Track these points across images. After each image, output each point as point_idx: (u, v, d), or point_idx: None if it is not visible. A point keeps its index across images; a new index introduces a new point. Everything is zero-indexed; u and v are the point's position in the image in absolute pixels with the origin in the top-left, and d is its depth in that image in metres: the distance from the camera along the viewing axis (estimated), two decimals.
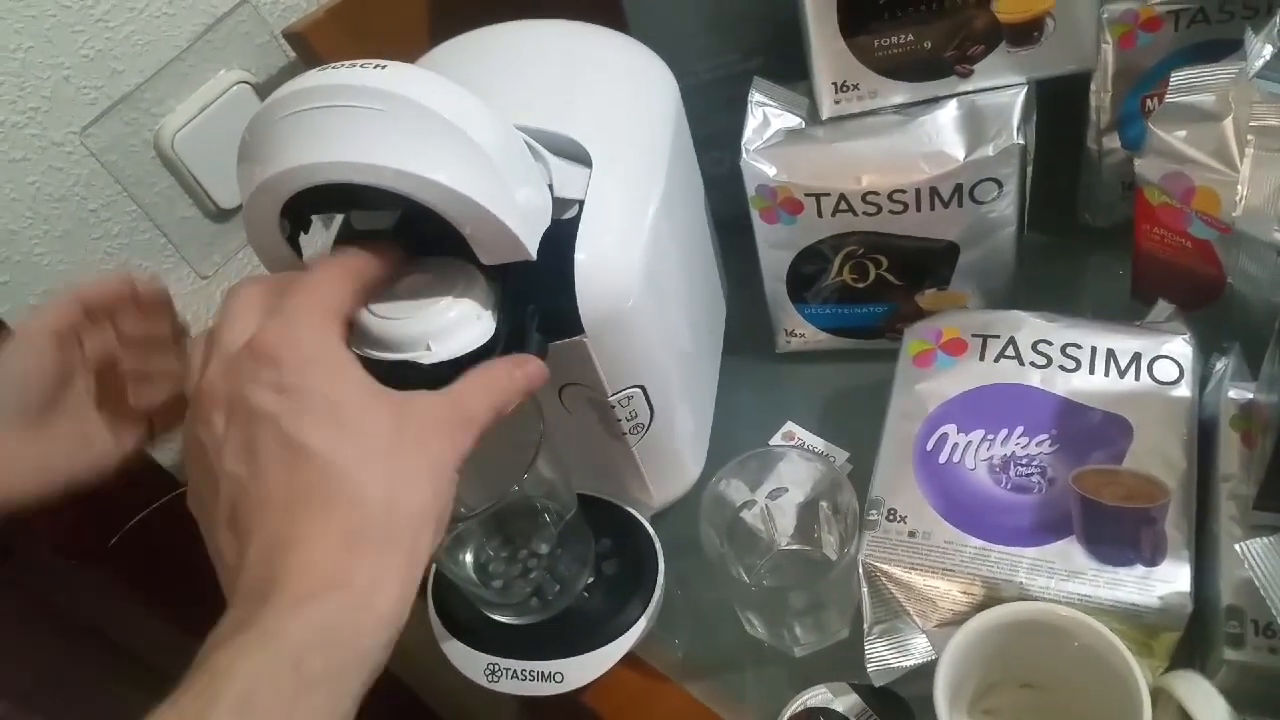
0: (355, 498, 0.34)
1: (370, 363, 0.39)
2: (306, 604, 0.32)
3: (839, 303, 0.67)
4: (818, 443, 0.66)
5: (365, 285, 0.41)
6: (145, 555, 0.76)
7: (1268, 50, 0.50)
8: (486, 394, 0.40)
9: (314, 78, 0.39)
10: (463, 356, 0.42)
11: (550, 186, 0.47)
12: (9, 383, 0.49)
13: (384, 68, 0.39)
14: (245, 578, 0.33)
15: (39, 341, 0.49)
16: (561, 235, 0.47)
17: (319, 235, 0.49)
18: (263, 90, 0.70)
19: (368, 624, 0.33)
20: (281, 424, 0.34)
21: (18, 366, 0.48)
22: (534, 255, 0.43)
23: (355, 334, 0.41)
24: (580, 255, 0.48)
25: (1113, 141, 0.65)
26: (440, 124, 0.39)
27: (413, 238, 0.45)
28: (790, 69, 0.62)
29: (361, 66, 0.39)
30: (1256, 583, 0.42)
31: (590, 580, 0.59)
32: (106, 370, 0.52)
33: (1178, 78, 0.54)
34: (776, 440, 0.67)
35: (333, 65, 0.39)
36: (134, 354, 0.51)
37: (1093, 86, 0.62)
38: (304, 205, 0.41)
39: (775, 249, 0.65)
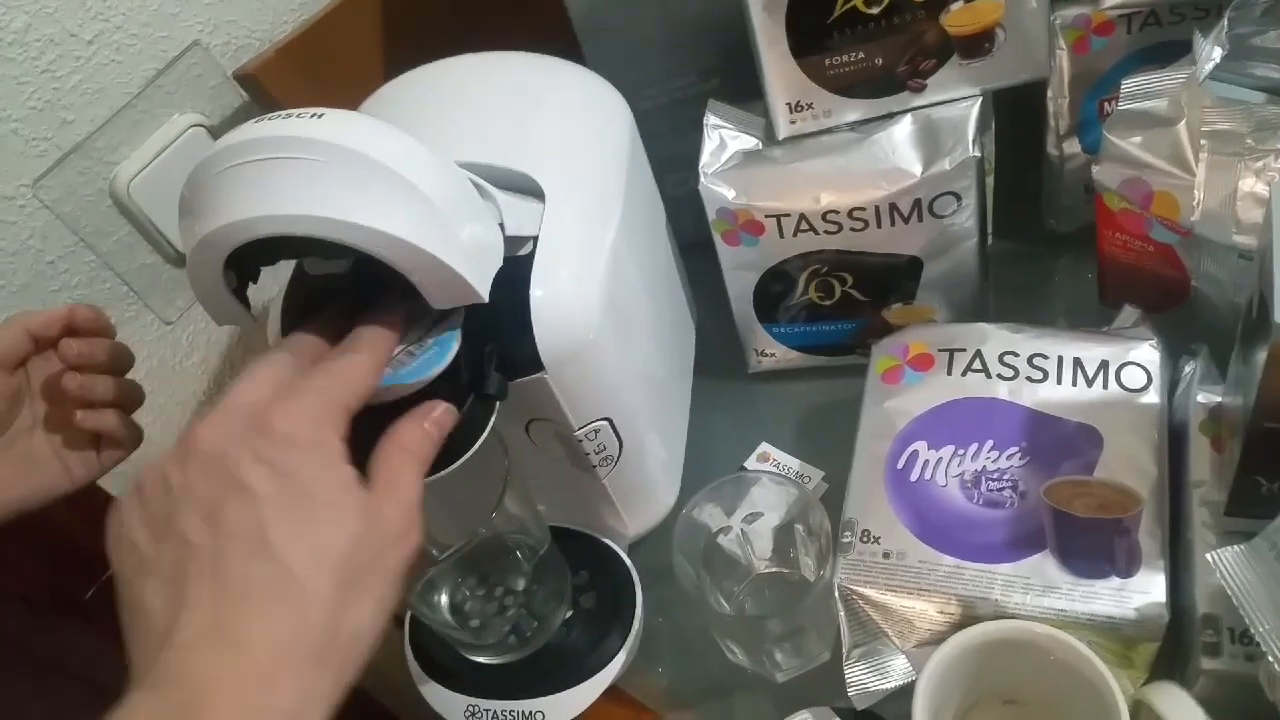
0: (302, 611, 0.33)
1: None
2: None
3: (807, 321, 0.66)
4: (793, 463, 0.65)
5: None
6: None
7: (1216, 53, 0.50)
8: (413, 470, 0.39)
9: (251, 130, 0.39)
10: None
11: (501, 225, 0.46)
12: None
13: (320, 116, 0.38)
14: (171, 656, 0.32)
15: None
16: (516, 273, 0.47)
17: (268, 286, 0.48)
18: (217, 133, 0.70)
19: None
20: (259, 509, 0.34)
21: None
22: (485, 298, 0.42)
23: None
24: (536, 292, 0.48)
25: (1073, 146, 0.64)
26: (378, 170, 0.38)
27: (367, 282, 0.44)
28: (750, 87, 0.62)
29: (298, 116, 0.38)
30: (1229, 592, 0.41)
31: (568, 615, 0.59)
32: (52, 397, 0.52)
33: (1129, 84, 0.54)
34: (752, 461, 0.67)
35: (269, 116, 0.39)
36: (79, 381, 0.51)
37: (1049, 93, 0.62)
38: (248, 257, 0.40)
39: (740, 270, 0.64)
